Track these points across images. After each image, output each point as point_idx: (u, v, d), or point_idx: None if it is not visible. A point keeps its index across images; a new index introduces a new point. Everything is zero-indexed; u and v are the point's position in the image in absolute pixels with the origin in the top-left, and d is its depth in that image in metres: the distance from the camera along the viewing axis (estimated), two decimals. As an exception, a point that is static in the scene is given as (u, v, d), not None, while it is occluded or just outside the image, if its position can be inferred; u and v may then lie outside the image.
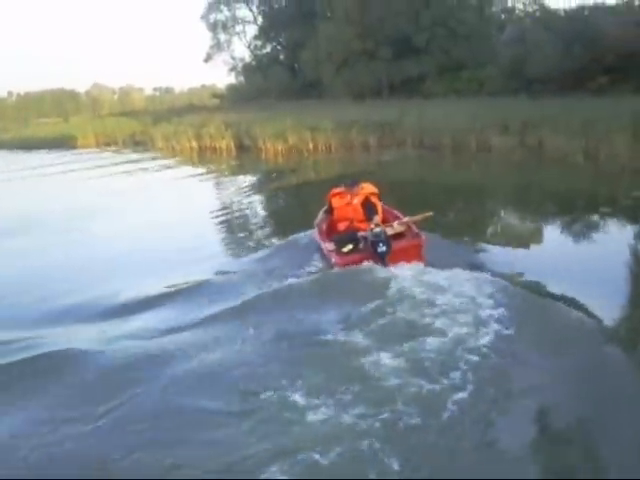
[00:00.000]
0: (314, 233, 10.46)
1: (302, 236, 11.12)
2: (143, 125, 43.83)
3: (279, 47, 60.30)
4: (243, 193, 19.40)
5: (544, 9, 42.54)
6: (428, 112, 27.59)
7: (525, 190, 16.97)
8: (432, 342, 6.36)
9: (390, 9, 43.52)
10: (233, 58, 62.78)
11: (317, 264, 9.66)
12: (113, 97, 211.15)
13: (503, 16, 47.77)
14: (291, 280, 8.87)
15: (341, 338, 6.80)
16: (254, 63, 61.02)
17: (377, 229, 8.81)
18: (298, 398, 5.54)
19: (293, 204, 17.65)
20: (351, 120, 28.77)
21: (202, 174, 24.92)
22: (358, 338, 6.71)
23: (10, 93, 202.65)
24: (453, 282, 7.86)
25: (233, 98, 59.72)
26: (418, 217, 9.47)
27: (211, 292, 8.88)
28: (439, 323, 6.80)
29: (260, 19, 61.08)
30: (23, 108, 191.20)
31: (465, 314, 6.98)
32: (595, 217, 12.83)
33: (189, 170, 26.46)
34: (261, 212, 16.86)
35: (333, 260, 9.05)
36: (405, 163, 24.25)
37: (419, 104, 31.01)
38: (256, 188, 20.79)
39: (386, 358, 6.13)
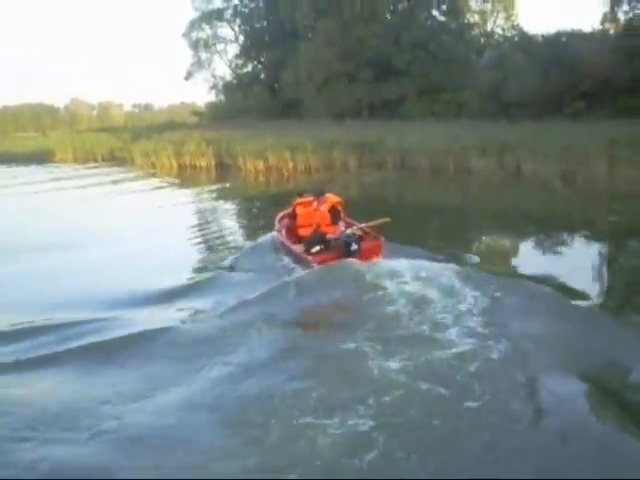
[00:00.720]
0: (277, 237, 11.95)
1: (265, 239, 12.66)
2: (122, 141, 43.61)
3: (260, 66, 60.56)
4: (221, 211, 19.44)
5: (523, 34, 43.22)
6: (408, 134, 27.83)
7: (503, 211, 17.21)
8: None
9: (371, 31, 44.01)
10: (214, 76, 63.01)
11: (290, 264, 10.79)
12: (92, 113, 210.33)
13: (482, 40, 48.43)
14: (276, 282, 9.52)
15: (345, 339, 7.20)
16: (235, 82, 61.20)
17: (349, 231, 10.34)
18: (309, 408, 5.65)
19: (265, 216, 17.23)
20: (331, 140, 28.89)
21: (183, 193, 24.79)
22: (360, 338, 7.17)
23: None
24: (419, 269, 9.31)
25: (213, 116, 59.74)
26: (376, 222, 10.75)
27: (201, 299, 9.27)
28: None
29: (242, 38, 61.38)
30: (1, 122, 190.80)
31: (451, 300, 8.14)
32: (570, 238, 13.12)
33: (170, 189, 26.30)
34: (232, 224, 16.98)
35: (310, 259, 10.17)
36: (385, 184, 24.49)
37: (398, 126, 31.26)
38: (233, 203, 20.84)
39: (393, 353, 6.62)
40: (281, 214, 13.00)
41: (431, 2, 47.50)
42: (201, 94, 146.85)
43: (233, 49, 62.52)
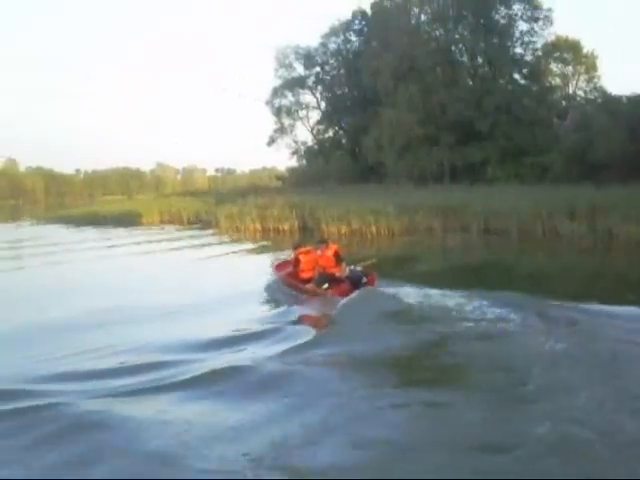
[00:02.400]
0: (280, 281, 15.08)
1: (269, 285, 15.50)
2: (207, 205, 44.48)
3: (341, 132, 61.53)
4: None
5: (606, 95, 42.72)
6: (492, 197, 27.53)
7: (596, 276, 16.59)
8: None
9: (452, 95, 44.22)
10: (295, 142, 64.23)
11: (303, 301, 13.32)
12: (176, 176, 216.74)
13: (564, 103, 48.07)
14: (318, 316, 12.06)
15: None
16: (316, 147, 62.23)
17: (358, 268, 13.71)
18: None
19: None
20: (414, 204, 28.80)
21: (267, 257, 24.86)
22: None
23: (78, 171, 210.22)
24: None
25: (295, 181, 60.64)
26: (367, 263, 14.61)
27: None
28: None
29: (323, 104, 62.58)
30: (90, 185, 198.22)
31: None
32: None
33: (255, 253, 26.51)
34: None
35: (329, 293, 13.05)
36: (470, 248, 24.10)
37: (482, 189, 30.98)
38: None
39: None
40: (277, 263, 16.95)
41: (512, 66, 47.54)
42: (283, 159, 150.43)
43: (315, 115, 63.80)
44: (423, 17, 51.68)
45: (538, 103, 44.23)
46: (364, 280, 12.98)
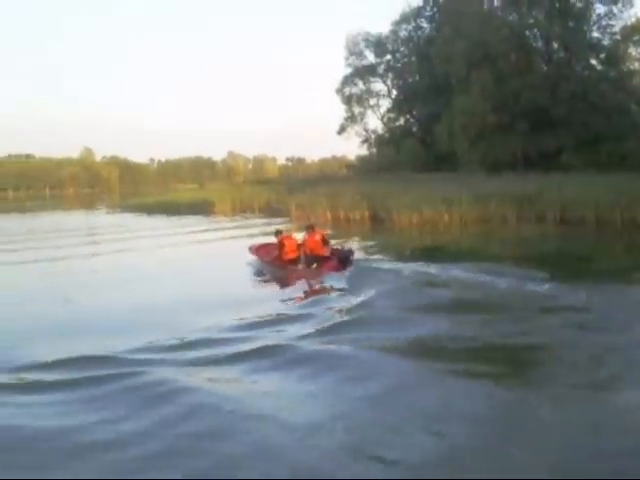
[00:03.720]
0: (265, 262, 17.43)
1: (251, 265, 17.90)
2: (277, 194, 44.77)
3: (412, 120, 61.04)
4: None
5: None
6: (568, 186, 26.89)
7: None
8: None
9: (526, 82, 43.32)
10: (366, 130, 64.10)
11: (295, 278, 15.81)
12: (247, 165, 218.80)
13: (643, 89, 46.58)
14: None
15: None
16: (387, 135, 61.92)
17: (347, 248, 16.84)
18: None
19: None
20: (487, 193, 28.34)
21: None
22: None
23: (152, 160, 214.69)
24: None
25: (365, 169, 60.50)
26: (347, 246, 17.69)
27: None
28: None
29: (394, 92, 62.23)
30: (163, 174, 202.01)
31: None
32: None
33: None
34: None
35: (322, 270, 15.58)
36: (545, 238, 23.54)
37: (557, 177, 30.27)
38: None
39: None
40: (255, 246, 18.65)
41: (588, 51, 46.25)
42: (352, 148, 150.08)
43: (385, 103, 63.62)
44: (496, 2, 50.79)
45: (616, 89, 42.86)
46: (352, 257, 15.82)
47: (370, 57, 62.51)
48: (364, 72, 62.25)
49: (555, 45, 48.07)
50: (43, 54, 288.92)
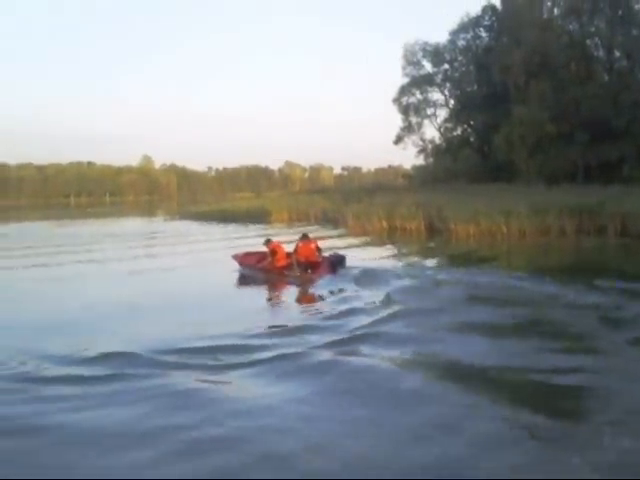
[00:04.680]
0: (256, 270, 18.48)
1: (242, 274, 18.82)
2: (334, 203, 44.87)
3: (470, 130, 60.59)
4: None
5: None
6: (630, 198, 26.38)
7: None
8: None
9: (586, 91, 42.69)
10: (423, 140, 63.69)
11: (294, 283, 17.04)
12: (304, 174, 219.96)
13: None
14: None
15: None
16: (444, 145, 61.55)
17: (340, 254, 18.11)
18: None
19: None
20: (545, 205, 27.98)
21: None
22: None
23: (210, 168, 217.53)
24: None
25: (421, 179, 60.32)
26: (339, 253, 18.43)
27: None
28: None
29: (452, 102, 61.87)
30: (220, 182, 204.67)
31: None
32: None
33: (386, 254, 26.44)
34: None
35: (319, 274, 16.97)
36: (605, 251, 23.19)
37: (618, 189, 29.73)
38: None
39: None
40: (241, 255, 19.54)
41: (652, 60, 45.36)
42: (409, 157, 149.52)
43: (443, 113, 63.19)
44: (556, 11, 50.17)
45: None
46: (344, 262, 17.61)
47: (427, 67, 62.26)
48: (421, 82, 61.99)
49: (617, 54, 47.32)
50: (106, 67, 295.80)
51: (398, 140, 64.25)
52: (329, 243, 25.11)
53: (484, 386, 7.94)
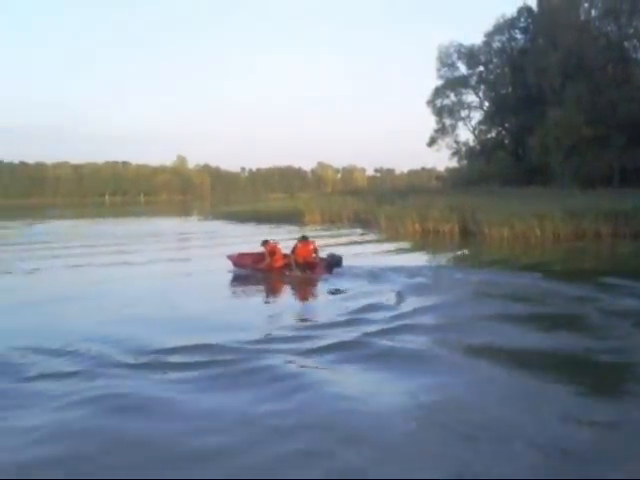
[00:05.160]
0: (255, 270, 18.69)
1: (241, 275, 18.88)
2: (366, 204, 44.80)
3: (504, 132, 60.22)
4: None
5: None
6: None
7: None
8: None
9: (623, 94, 42.20)
10: (457, 142, 63.46)
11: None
12: (336, 176, 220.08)
13: None
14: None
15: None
16: (478, 147, 61.26)
17: (337, 255, 18.67)
18: None
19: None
20: (580, 208, 27.71)
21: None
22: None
23: (243, 169, 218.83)
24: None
25: (455, 181, 60.05)
26: (334, 254, 18.84)
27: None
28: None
29: (486, 104, 61.52)
30: (253, 183, 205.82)
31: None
32: None
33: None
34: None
35: (318, 273, 17.86)
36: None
37: (655, 193, 29.35)
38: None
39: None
40: (235, 255, 19.70)
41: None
42: (442, 160, 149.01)
43: (477, 115, 62.91)
44: (593, 12, 49.57)
45: None
46: (341, 262, 18.31)
47: (462, 69, 62.08)
48: (456, 84, 61.78)
49: (656, 56, 46.72)
50: (141, 67, 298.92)
51: (432, 142, 64.12)
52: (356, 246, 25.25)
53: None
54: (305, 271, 18.16)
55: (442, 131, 63.13)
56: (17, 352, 9.92)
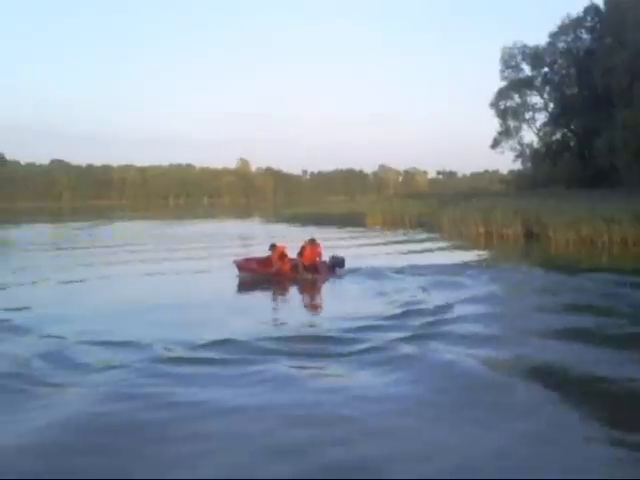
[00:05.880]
0: (267, 274, 18.59)
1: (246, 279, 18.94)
2: (429, 208, 44.61)
3: (570, 134, 59.16)
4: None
5: None
6: None
7: None
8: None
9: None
10: (521, 144, 62.68)
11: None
12: (398, 178, 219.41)
13: None
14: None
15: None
16: (543, 150, 60.32)
17: (339, 256, 19.25)
18: None
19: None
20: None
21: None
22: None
23: (305, 172, 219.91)
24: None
25: (519, 184, 59.29)
26: (337, 255, 19.44)
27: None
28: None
29: (551, 106, 60.57)
30: (315, 186, 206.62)
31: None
32: None
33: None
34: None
35: (324, 277, 18.49)
36: None
37: None
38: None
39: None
40: (241, 260, 19.73)
41: None
42: (505, 162, 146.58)
43: (542, 117, 62.01)
44: (664, 11, 48.32)
45: None
46: (344, 262, 18.99)
47: (526, 70, 61.30)
48: (520, 85, 61.02)
49: None
50: (207, 74, 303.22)
51: (495, 144, 63.49)
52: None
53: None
54: (313, 273, 18.50)
55: (506, 133, 62.47)
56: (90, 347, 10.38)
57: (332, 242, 27.76)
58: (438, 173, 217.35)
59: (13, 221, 65.77)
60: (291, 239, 33.64)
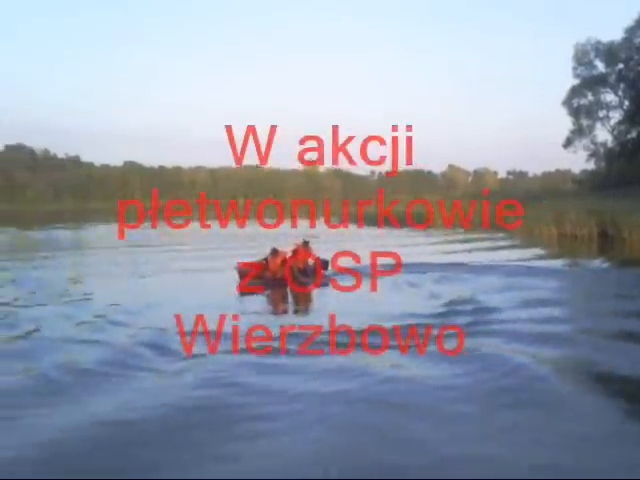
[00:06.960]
0: (264, 280, 17.79)
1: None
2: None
3: (646, 132, 57.73)
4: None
5: None
6: None
7: None
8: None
9: None
10: (594, 143, 61.44)
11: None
12: (467, 179, 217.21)
13: None
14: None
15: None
16: (617, 149, 58.96)
17: (324, 259, 19.46)
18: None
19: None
20: None
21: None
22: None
23: (373, 172, 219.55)
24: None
25: (592, 184, 58.09)
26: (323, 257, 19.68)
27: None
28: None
29: (626, 103, 59.14)
30: (383, 186, 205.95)
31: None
32: None
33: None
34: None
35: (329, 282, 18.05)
36: None
37: None
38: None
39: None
40: (240, 265, 18.60)
41: None
42: (578, 162, 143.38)
43: (616, 115, 60.68)
44: None
45: None
46: (328, 264, 19.46)
47: (600, 67, 60.03)
48: (593, 82, 59.81)
49: None
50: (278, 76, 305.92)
51: (568, 143, 62.42)
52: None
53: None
54: (308, 276, 18.18)
55: (579, 132, 61.36)
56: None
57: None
58: (508, 173, 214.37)
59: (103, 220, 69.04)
60: (365, 241, 33.92)
